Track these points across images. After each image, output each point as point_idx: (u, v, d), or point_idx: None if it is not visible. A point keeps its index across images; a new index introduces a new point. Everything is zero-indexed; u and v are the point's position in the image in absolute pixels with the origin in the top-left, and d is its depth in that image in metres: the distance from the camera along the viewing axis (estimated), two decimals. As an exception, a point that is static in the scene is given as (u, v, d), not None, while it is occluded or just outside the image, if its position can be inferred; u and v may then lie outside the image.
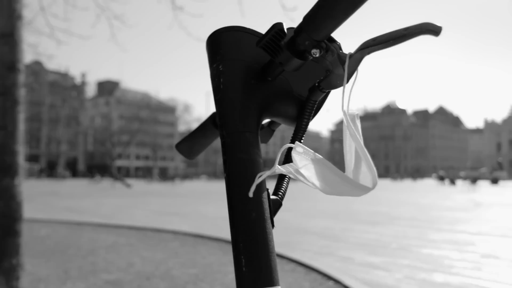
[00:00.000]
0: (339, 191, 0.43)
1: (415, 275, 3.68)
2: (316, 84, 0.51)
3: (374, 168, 0.41)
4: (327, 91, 0.50)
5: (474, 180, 34.43)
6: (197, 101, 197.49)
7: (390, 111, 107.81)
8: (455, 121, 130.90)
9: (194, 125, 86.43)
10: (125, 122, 68.10)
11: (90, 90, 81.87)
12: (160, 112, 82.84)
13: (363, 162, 0.43)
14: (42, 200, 13.33)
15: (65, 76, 73.23)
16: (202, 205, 12.01)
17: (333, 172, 0.42)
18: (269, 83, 0.53)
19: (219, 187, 27.63)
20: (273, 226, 0.47)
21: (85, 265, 4.06)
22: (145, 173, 78.48)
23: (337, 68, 0.47)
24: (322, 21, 0.42)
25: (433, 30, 0.39)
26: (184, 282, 3.46)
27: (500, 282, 3.48)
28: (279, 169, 0.45)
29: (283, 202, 0.51)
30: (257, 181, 0.45)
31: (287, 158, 0.50)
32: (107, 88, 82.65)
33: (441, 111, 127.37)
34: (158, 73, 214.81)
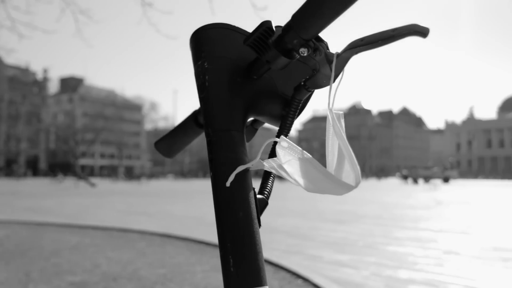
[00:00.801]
0: (322, 189, 0.43)
1: (381, 272, 3.77)
2: (302, 83, 0.50)
3: (358, 167, 0.41)
4: (312, 90, 0.50)
5: (427, 179, 35.64)
6: (164, 99, 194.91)
7: (356, 111, 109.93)
8: (418, 122, 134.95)
9: (161, 124, 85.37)
10: (89, 120, 66.42)
11: (53, 87, 79.35)
12: (126, 110, 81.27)
13: (347, 161, 0.43)
14: (0, 200, 12.82)
15: (25, 71, 70.63)
16: (169, 204, 11.87)
17: (317, 169, 0.42)
18: (254, 81, 0.52)
19: (186, 186, 27.39)
20: (260, 225, 0.47)
21: (48, 267, 3.93)
22: (110, 172, 76.80)
23: (324, 68, 0.47)
24: (311, 19, 0.42)
25: (420, 31, 0.40)
26: (152, 283, 3.40)
27: (461, 277, 3.60)
28: (261, 163, 0.44)
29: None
30: (237, 170, 0.45)
31: (272, 153, 0.50)
32: (71, 84, 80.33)
33: (405, 112, 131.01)
34: (125, 70, 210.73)
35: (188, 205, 11.45)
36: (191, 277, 3.60)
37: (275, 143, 0.46)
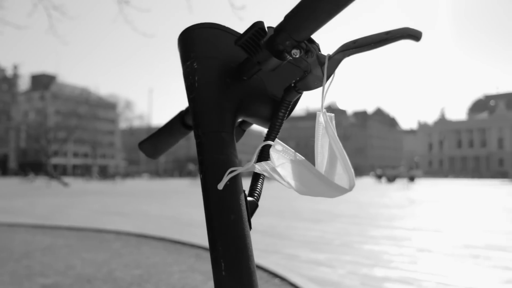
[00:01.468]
0: (315, 192, 0.43)
1: (357, 271, 3.82)
2: (292, 85, 0.50)
3: (352, 170, 0.41)
4: (302, 92, 0.50)
5: (393, 178, 36.37)
6: (139, 98, 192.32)
7: (331, 111, 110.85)
8: (392, 122, 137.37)
9: (136, 123, 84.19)
10: (62, 118, 64.84)
11: (24, 84, 77.16)
12: (100, 108, 79.78)
13: (339, 163, 0.43)
14: (-31, 200, 12.41)
15: (-6, 67, 68.49)
16: (145, 204, 11.72)
17: (311, 172, 0.42)
18: (244, 82, 0.52)
19: (162, 186, 27.12)
20: (250, 228, 0.46)
21: (19, 269, 3.82)
22: (83, 171, 75.27)
23: (316, 69, 0.46)
24: (304, 21, 0.42)
25: (414, 35, 0.40)
26: (128, 284, 3.35)
27: (434, 274, 3.69)
28: (253, 166, 0.44)
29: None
30: (229, 175, 0.44)
31: (262, 156, 0.49)
32: (43, 82, 78.32)
33: (379, 113, 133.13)
34: (99, 68, 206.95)
35: (164, 205, 11.34)
36: (167, 278, 3.56)
37: (268, 146, 0.46)
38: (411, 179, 33.38)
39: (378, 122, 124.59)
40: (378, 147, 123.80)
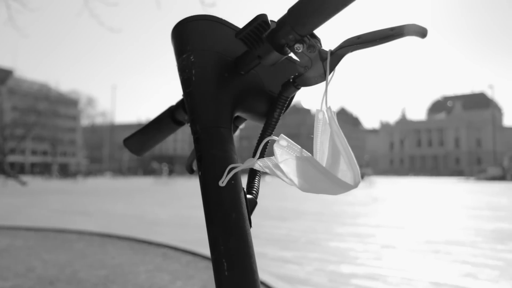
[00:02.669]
0: (318, 189, 0.42)
1: (324, 268, 3.87)
2: (291, 80, 0.49)
3: (357, 167, 0.41)
4: (301, 87, 0.49)
5: None
6: (102, 94, 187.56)
7: (296, 110, 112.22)
8: (355, 122, 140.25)
9: (98, 120, 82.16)
10: (20, 115, 62.36)
11: (-23, 78, 73.69)
12: (61, 105, 77.24)
13: (343, 160, 0.42)
14: None
15: None
16: (108, 203, 11.45)
17: (316, 168, 0.41)
18: (241, 77, 0.50)
19: (125, 184, 26.58)
20: (250, 226, 0.45)
21: (-25, 272, 3.64)
22: (42, 169, 72.64)
23: (317, 65, 0.45)
24: (309, 15, 0.41)
25: (420, 32, 0.39)
26: (93, 285, 3.26)
27: (398, 269, 3.79)
28: (255, 163, 0.43)
29: None
30: (232, 172, 0.43)
31: (257, 151, 0.48)
32: (-1, 76, 75.00)
33: (343, 112, 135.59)
34: (60, 63, 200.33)
35: (128, 204, 11.11)
36: (134, 278, 3.49)
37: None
38: (361, 177, 34.25)
39: (342, 121, 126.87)
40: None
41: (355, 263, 4.06)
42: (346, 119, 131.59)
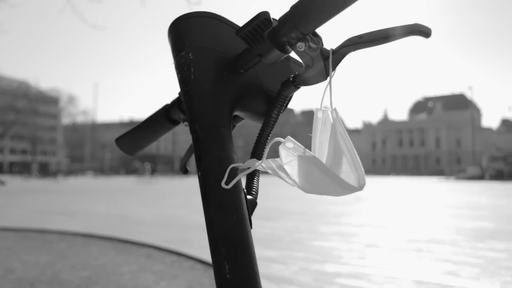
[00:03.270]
0: (321, 190, 0.41)
1: (309, 267, 3.88)
2: (291, 79, 0.48)
3: (362, 168, 0.40)
4: (301, 87, 0.48)
5: None
6: (84, 93, 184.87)
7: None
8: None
9: (80, 118, 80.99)
10: (-2, 112, 61.05)
11: (-48, 75, 71.89)
12: (41, 103, 75.83)
13: (346, 161, 0.42)
14: None
15: None
16: (90, 202, 11.29)
17: (321, 170, 0.40)
18: (240, 75, 0.49)
19: (107, 184, 26.26)
20: (251, 227, 0.44)
21: (-47, 274, 3.55)
22: (22, 168, 71.27)
23: (318, 64, 0.45)
24: (312, 13, 0.40)
25: (424, 31, 0.39)
26: (76, 286, 3.21)
27: (382, 268, 3.83)
28: (259, 164, 0.42)
29: None
30: (238, 177, 0.42)
31: (254, 154, 0.47)
32: (-24, 73, 73.24)
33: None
34: (40, 61, 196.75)
35: (111, 204, 10.97)
36: (118, 278, 3.45)
37: (265, 142, 0.44)
38: None
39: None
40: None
41: (340, 262, 4.09)
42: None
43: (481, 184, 29.54)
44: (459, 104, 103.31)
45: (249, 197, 0.46)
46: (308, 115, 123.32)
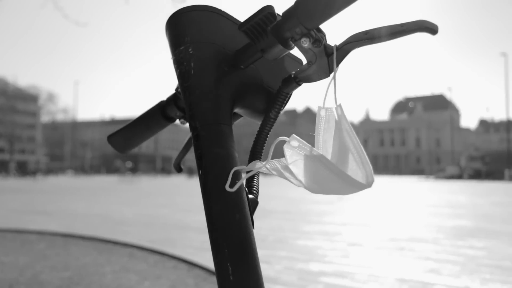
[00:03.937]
0: (328, 189, 0.40)
1: (293, 266, 3.89)
2: (292, 76, 0.47)
3: (370, 166, 0.39)
4: (303, 84, 0.47)
5: None
6: (64, 90, 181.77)
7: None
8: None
9: (60, 116, 79.75)
10: (-26, 110, 59.60)
11: None
12: (19, 100, 74.30)
13: (352, 159, 0.40)
14: None
15: None
16: (70, 202, 11.10)
17: (328, 168, 0.39)
18: (241, 71, 0.48)
19: (88, 183, 25.89)
20: (253, 226, 0.43)
21: None
22: (-2, 167, 69.69)
23: (321, 60, 0.43)
24: (318, 8, 0.39)
25: (431, 28, 0.38)
26: (56, 287, 3.15)
27: (365, 266, 3.86)
28: (263, 165, 0.41)
29: None
30: (242, 180, 0.41)
31: (253, 155, 0.46)
32: (-48, 69, 71.37)
33: (308, 112, 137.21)
34: (18, 57, 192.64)
35: (92, 203, 10.81)
36: (100, 279, 3.39)
37: (264, 142, 0.43)
38: None
39: (307, 121, 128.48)
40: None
41: (323, 261, 4.11)
42: (310, 119, 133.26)
43: (460, 183, 30.13)
44: (439, 104, 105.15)
45: (250, 196, 0.45)
46: (291, 115, 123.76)
